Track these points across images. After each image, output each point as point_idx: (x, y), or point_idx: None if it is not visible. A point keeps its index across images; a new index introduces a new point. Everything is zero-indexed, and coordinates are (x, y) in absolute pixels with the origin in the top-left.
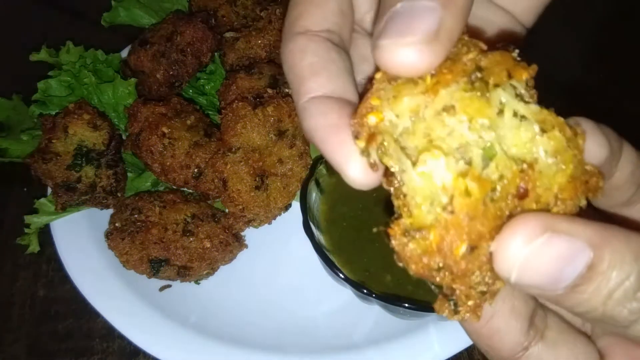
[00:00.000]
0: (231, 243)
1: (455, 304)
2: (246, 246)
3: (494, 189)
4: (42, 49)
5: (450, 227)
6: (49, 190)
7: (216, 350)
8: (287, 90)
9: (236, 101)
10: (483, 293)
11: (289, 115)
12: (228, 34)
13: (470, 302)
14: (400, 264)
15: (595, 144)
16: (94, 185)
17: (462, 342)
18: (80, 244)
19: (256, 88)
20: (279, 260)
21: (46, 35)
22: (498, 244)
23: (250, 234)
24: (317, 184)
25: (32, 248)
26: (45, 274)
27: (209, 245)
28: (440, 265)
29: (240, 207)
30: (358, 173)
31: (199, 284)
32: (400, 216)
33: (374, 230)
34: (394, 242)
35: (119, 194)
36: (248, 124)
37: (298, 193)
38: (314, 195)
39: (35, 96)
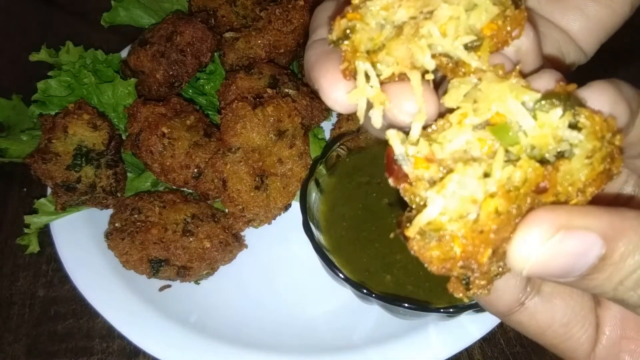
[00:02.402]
0: (231, 243)
1: (467, 283)
2: (246, 246)
3: (518, 197)
4: (42, 49)
5: (477, 241)
6: (49, 190)
7: (216, 350)
8: (286, 90)
9: (236, 101)
10: (496, 275)
11: (288, 115)
12: (228, 34)
13: (482, 282)
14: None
15: (617, 114)
16: (94, 185)
17: (462, 342)
18: (80, 244)
19: (256, 88)
20: (279, 261)
21: (46, 35)
22: (512, 245)
23: (250, 234)
24: (317, 184)
25: (32, 248)
26: (45, 274)
27: (208, 245)
28: (462, 265)
29: (240, 207)
30: (339, 94)
31: (198, 284)
32: (411, 212)
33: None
34: (413, 245)
35: (118, 194)
36: (248, 124)
37: (298, 193)
38: (313, 195)
39: (35, 96)
